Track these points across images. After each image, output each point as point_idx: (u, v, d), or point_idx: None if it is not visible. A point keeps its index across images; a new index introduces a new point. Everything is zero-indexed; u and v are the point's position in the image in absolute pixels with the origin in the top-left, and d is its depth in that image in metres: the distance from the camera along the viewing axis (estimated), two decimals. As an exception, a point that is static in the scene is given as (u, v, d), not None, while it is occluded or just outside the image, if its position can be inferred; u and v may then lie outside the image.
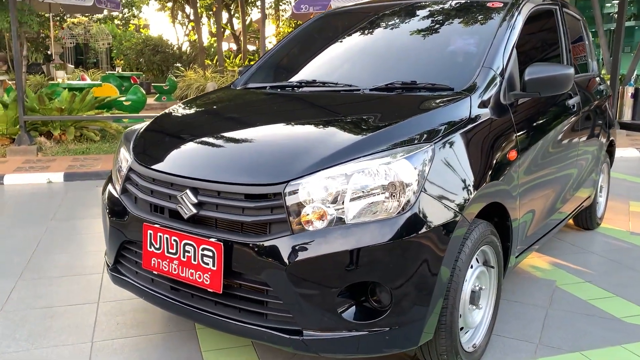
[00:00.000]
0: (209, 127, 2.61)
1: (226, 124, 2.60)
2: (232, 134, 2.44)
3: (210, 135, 2.46)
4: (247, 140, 2.36)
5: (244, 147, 2.30)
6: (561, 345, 2.69)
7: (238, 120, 2.68)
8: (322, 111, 2.59)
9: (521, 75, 2.77)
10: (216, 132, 2.49)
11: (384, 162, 2.03)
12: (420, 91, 2.65)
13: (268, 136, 2.36)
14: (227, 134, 2.44)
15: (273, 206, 2.04)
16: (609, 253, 4.08)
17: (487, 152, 2.40)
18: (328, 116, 2.50)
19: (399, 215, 1.97)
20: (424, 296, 2.03)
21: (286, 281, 1.99)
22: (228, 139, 2.40)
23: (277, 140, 2.28)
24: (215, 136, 2.45)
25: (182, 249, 2.20)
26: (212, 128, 2.57)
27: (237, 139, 2.38)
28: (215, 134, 2.46)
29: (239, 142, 2.36)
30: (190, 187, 2.21)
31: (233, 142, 2.37)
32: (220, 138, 2.42)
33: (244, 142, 2.35)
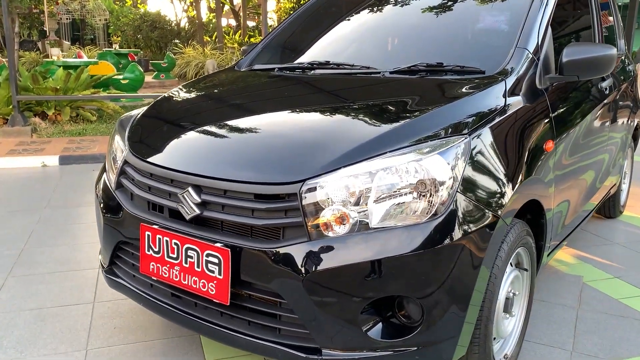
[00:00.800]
0: (212, 114, 2.35)
1: (232, 112, 2.33)
2: (239, 124, 2.17)
3: (215, 124, 2.20)
4: (256, 131, 2.09)
5: (253, 139, 2.04)
6: (597, 353, 2.47)
7: (245, 107, 2.40)
8: (338, 97, 2.32)
9: (556, 56, 2.51)
10: (221, 120, 2.23)
11: (414, 158, 1.78)
12: (447, 74, 2.39)
13: (280, 127, 2.09)
14: (233, 123, 2.18)
15: (287, 208, 1.80)
16: (635, 244, 3.85)
17: (524, 144, 2.15)
18: (346, 103, 2.23)
19: (432, 219, 1.73)
20: (460, 309, 1.79)
21: (302, 294, 1.75)
22: (235, 130, 2.13)
23: (291, 132, 2.02)
24: (220, 126, 2.18)
25: (184, 254, 1.96)
26: (217, 116, 2.31)
27: (245, 130, 2.12)
28: (220, 123, 2.20)
29: (247, 133, 2.09)
30: (193, 184, 1.96)
31: (240, 134, 2.10)
32: (226, 128, 2.16)
33: (252, 133, 2.08)
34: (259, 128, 2.11)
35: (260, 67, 2.92)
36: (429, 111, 1.97)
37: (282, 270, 1.77)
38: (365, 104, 2.17)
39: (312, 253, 1.74)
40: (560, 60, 2.42)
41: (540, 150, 2.26)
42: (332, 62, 2.66)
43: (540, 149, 2.26)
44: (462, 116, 1.98)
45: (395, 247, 1.70)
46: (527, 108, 2.25)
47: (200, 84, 2.88)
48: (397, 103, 2.12)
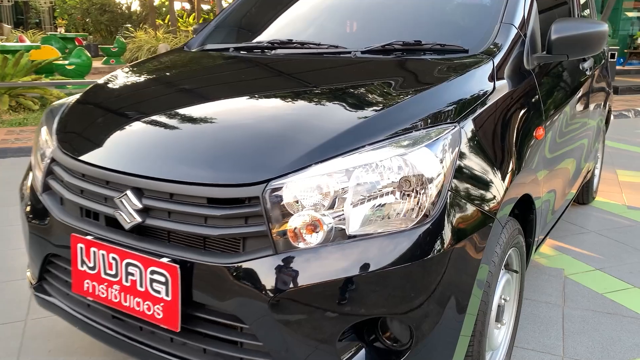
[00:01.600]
0: (157, 102, 1.99)
1: (180, 99, 1.97)
2: (188, 113, 1.82)
3: (160, 114, 1.84)
4: (209, 122, 1.75)
5: (205, 132, 1.70)
6: (590, 357, 2.28)
7: (196, 93, 2.05)
8: (304, 82, 1.99)
9: (542, 33, 2.27)
10: (167, 109, 1.87)
11: (398, 151, 1.49)
12: (426, 54, 2.11)
13: (237, 117, 1.75)
14: (182, 113, 1.83)
15: (248, 214, 1.49)
16: (611, 232, 3.71)
17: (517, 132, 1.90)
18: (314, 89, 1.90)
19: (421, 224, 1.45)
20: (454, 327, 1.54)
21: (268, 318, 1.46)
22: (184, 120, 1.78)
23: (251, 122, 1.69)
24: (166, 116, 1.83)
25: (124, 271, 1.63)
26: (162, 104, 1.95)
27: (196, 121, 1.77)
28: (166, 113, 1.84)
29: (199, 124, 1.75)
30: (132, 186, 1.63)
31: (190, 125, 1.75)
32: (173, 119, 1.80)
33: (205, 124, 1.74)
34: (212, 118, 1.77)
35: (213, 47, 2.56)
36: (411, 97, 1.69)
37: (243, 289, 1.47)
38: (336, 90, 1.85)
39: (280, 268, 1.44)
40: (549, 37, 2.17)
41: (531, 138, 2.02)
42: (295, 41, 2.34)
43: (531, 137, 2.02)
44: (448, 102, 1.71)
45: (380, 259, 1.42)
46: (516, 92, 2.00)
47: (144, 67, 2.51)
48: (374, 88, 1.82)
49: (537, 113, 2.11)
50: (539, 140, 2.08)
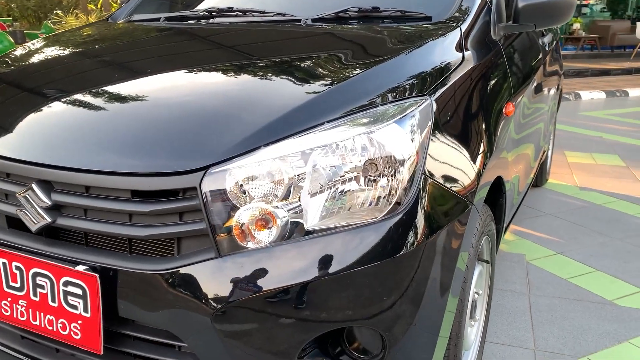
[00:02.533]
0: (71, 81, 1.65)
1: (100, 76, 1.63)
2: (109, 92, 1.49)
3: (74, 93, 1.51)
4: (134, 99, 1.44)
5: (128, 112, 1.39)
6: (562, 349, 2.13)
7: (119, 69, 1.70)
8: (248, 53, 1.71)
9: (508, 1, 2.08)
10: (83, 88, 1.54)
11: (362, 129, 1.25)
12: (384, 21, 1.88)
13: (169, 94, 1.44)
14: (101, 92, 1.50)
15: (183, 209, 1.22)
16: (567, 215, 3.63)
17: (488, 108, 1.70)
18: (259, 61, 1.61)
19: (393, 214, 1.22)
20: (431, 329, 1.32)
21: (210, 334, 1.20)
22: (103, 100, 1.45)
23: (185, 100, 1.39)
24: (82, 95, 1.49)
25: (32, 283, 1.33)
26: (77, 83, 1.61)
27: (118, 100, 1.45)
28: (82, 92, 1.51)
29: (121, 104, 1.43)
30: (39, 179, 1.32)
31: (111, 105, 1.43)
32: (90, 98, 1.47)
33: (128, 104, 1.43)
34: (137, 97, 1.45)
35: (141, 18, 2.23)
36: (374, 67, 1.44)
37: (179, 300, 1.20)
38: (285, 62, 1.57)
39: (225, 274, 1.18)
40: (516, 5, 1.99)
41: (501, 115, 1.82)
42: (236, 8, 2.05)
43: (501, 114, 1.82)
44: (416, 73, 1.48)
45: (346, 257, 1.18)
46: (485, 64, 1.80)
47: (58, 40, 2.14)
48: (330, 59, 1.56)
49: (506, 88, 1.92)
50: (509, 117, 1.90)
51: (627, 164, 4.89)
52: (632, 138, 5.96)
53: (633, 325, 2.30)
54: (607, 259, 2.94)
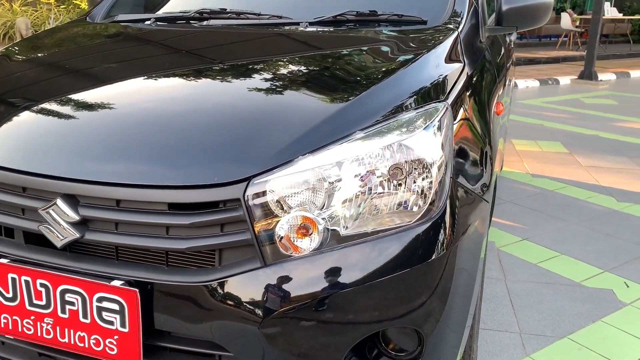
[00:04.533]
0: (83, 87, 1.57)
1: (114, 82, 1.56)
2: (131, 99, 1.45)
3: (91, 100, 1.46)
4: (159, 108, 1.41)
5: (158, 120, 1.36)
6: (544, 331, 2.29)
7: (131, 74, 1.62)
8: (259, 59, 1.68)
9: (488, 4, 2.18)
10: (101, 95, 1.49)
11: (393, 137, 1.30)
12: (381, 25, 1.92)
13: (196, 101, 1.42)
14: (121, 98, 1.45)
15: (225, 221, 1.22)
16: (525, 201, 3.84)
17: (488, 109, 1.79)
18: (275, 68, 1.60)
19: (428, 217, 1.28)
20: (462, 320, 1.40)
21: (259, 343, 1.22)
22: (126, 107, 1.41)
23: (216, 108, 1.38)
24: (101, 103, 1.44)
25: (60, 300, 1.29)
26: (91, 89, 1.54)
27: (143, 107, 1.41)
28: (100, 99, 1.46)
29: (148, 112, 1.39)
30: (64, 193, 1.29)
31: (136, 113, 1.39)
32: (111, 106, 1.43)
33: (155, 111, 1.39)
34: (167, 104, 1.42)
35: (127, 19, 2.17)
36: (395, 74, 1.49)
37: (224, 311, 1.21)
38: (311, 69, 1.58)
39: (272, 282, 1.20)
40: (499, 8, 2.09)
41: (492, 113, 1.92)
42: (230, 10, 2.03)
43: (492, 113, 1.92)
44: (431, 79, 1.54)
45: (390, 262, 1.23)
46: (479, 65, 1.88)
47: (44, 43, 2.05)
48: (352, 66, 1.58)
49: (496, 87, 2.02)
50: (499, 116, 2.00)
51: (570, 151, 5.21)
52: (571, 125, 6.33)
53: (603, 304, 2.49)
54: (568, 243, 3.15)
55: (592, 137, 5.75)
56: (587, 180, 4.32)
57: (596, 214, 3.61)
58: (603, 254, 3.01)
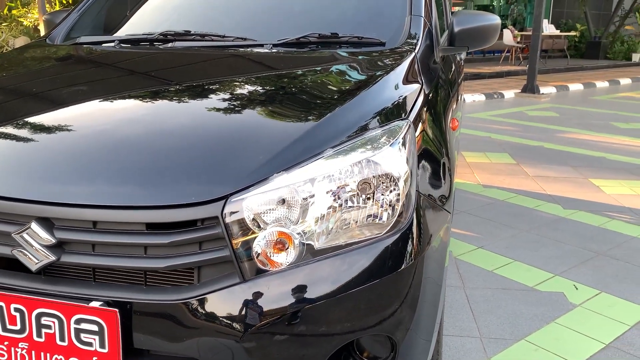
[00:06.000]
0: (51, 109, 1.57)
1: (84, 103, 1.57)
2: (108, 120, 1.47)
3: (60, 122, 1.47)
4: (132, 129, 1.43)
5: (132, 140, 1.38)
6: (503, 334, 2.40)
7: (101, 95, 1.63)
8: (228, 80, 1.73)
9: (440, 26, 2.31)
10: (71, 117, 1.50)
11: (362, 154, 1.37)
12: (342, 47, 2.01)
13: (173, 123, 1.44)
14: (91, 120, 1.47)
15: (204, 239, 1.26)
16: (478, 211, 4.00)
17: (444, 125, 1.89)
18: (244, 88, 1.65)
19: (398, 228, 1.35)
20: (431, 326, 1.47)
21: (239, 358, 1.25)
22: (97, 128, 1.43)
23: (189, 128, 1.41)
24: (71, 125, 1.45)
25: (35, 324, 1.29)
26: (60, 111, 1.54)
27: (115, 128, 1.43)
28: (70, 121, 1.47)
29: (120, 132, 1.41)
30: (37, 216, 1.29)
31: (109, 133, 1.41)
32: (81, 127, 1.44)
33: (128, 132, 1.42)
34: (140, 124, 1.44)
35: (89, 40, 2.17)
36: (357, 94, 1.56)
37: (205, 326, 1.24)
38: (271, 89, 1.64)
39: (252, 297, 1.24)
40: (452, 29, 2.21)
41: (449, 128, 2.03)
42: (194, 32, 2.07)
43: (449, 127, 2.03)
44: (393, 98, 1.62)
45: (362, 273, 1.29)
46: (434, 84, 1.99)
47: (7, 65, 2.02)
48: (320, 86, 1.65)
49: (450, 104, 2.13)
50: (454, 132, 2.11)
51: (517, 161, 5.45)
52: (516, 137, 6.62)
53: (555, 306, 2.63)
54: (520, 249, 3.30)
55: (537, 148, 6.03)
56: (535, 189, 4.53)
57: (544, 221, 3.80)
58: (552, 259, 3.17)
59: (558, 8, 18.79)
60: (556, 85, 11.48)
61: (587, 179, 4.86)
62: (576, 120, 7.82)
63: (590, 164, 5.37)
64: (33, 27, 14.83)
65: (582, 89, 11.67)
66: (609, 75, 13.91)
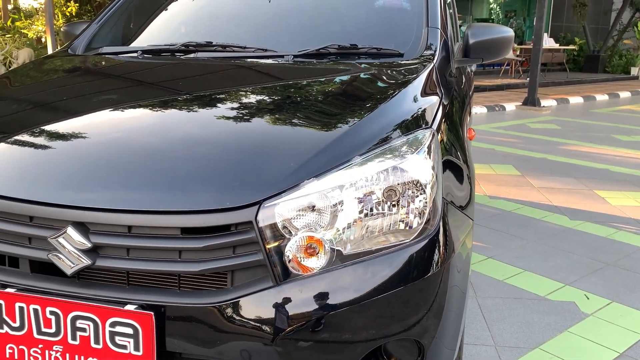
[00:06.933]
0: (84, 117, 1.61)
1: (115, 111, 1.61)
2: (134, 128, 1.51)
3: (94, 129, 1.51)
4: (165, 137, 1.47)
5: (165, 148, 1.41)
6: (517, 343, 2.42)
7: (132, 104, 1.67)
8: (254, 89, 1.77)
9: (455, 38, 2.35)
10: (104, 124, 1.54)
11: (391, 161, 1.40)
12: (360, 57, 2.05)
13: (206, 130, 1.49)
14: (125, 127, 1.51)
15: (237, 243, 1.28)
16: (487, 221, 4.02)
17: (463, 135, 1.93)
18: (270, 98, 1.69)
19: (425, 234, 1.38)
20: (456, 331, 1.50)
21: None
22: (131, 135, 1.47)
23: (221, 135, 1.45)
24: (105, 132, 1.49)
25: (71, 327, 1.31)
26: (92, 118, 1.58)
27: (147, 136, 1.47)
28: (104, 128, 1.51)
29: (152, 140, 1.45)
30: (74, 221, 1.32)
31: (142, 141, 1.44)
32: (115, 135, 1.48)
33: (160, 140, 1.45)
34: (175, 131, 1.48)
35: (110, 51, 2.21)
36: (383, 104, 1.60)
37: (238, 329, 1.27)
38: (297, 99, 1.68)
39: (285, 301, 1.27)
40: (467, 41, 2.26)
41: (466, 138, 2.07)
42: (216, 43, 2.11)
43: (466, 137, 2.07)
44: (416, 108, 1.66)
45: (390, 278, 1.32)
46: (451, 94, 2.03)
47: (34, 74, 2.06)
48: (340, 96, 1.69)
49: (465, 114, 2.17)
50: (471, 141, 2.15)
51: (522, 173, 5.48)
52: (520, 149, 6.66)
53: (567, 316, 2.65)
54: (530, 259, 3.33)
55: (541, 160, 6.07)
56: (541, 200, 4.57)
57: (552, 232, 3.83)
58: (562, 269, 3.20)
59: (557, 22, 18.96)
60: (556, 98, 11.56)
61: (591, 190, 4.90)
62: (578, 133, 7.88)
63: (594, 176, 5.41)
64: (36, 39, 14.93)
65: (582, 102, 11.76)
66: (608, 88, 14.02)
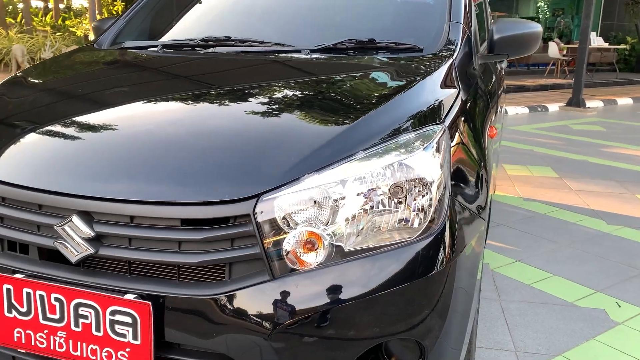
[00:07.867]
0: (96, 109, 1.65)
1: (127, 104, 1.64)
2: (142, 120, 1.53)
3: (104, 122, 1.53)
4: (172, 129, 1.48)
5: (170, 140, 1.43)
6: (539, 349, 2.34)
7: (143, 97, 1.71)
8: (265, 83, 1.77)
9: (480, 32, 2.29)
10: (113, 116, 1.57)
11: (395, 157, 1.37)
12: (378, 52, 2.02)
13: (206, 123, 1.50)
14: (133, 120, 1.54)
15: (235, 236, 1.28)
16: (517, 224, 3.91)
17: (482, 132, 1.87)
18: (280, 91, 1.69)
19: (428, 233, 1.34)
20: (461, 334, 1.45)
21: (267, 355, 1.26)
22: (138, 128, 1.50)
23: (225, 129, 1.46)
24: (113, 124, 1.52)
25: (73, 313, 1.34)
26: (104, 111, 1.61)
27: (155, 128, 1.49)
28: (113, 120, 1.54)
29: (159, 132, 1.47)
30: (79, 210, 1.34)
31: (149, 133, 1.46)
32: (123, 126, 1.51)
33: (167, 132, 1.47)
34: (174, 125, 1.50)
35: (134, 45, 2.25)
36: (395, 98, 1.57)
37: (234, 322, 1.26)
38: (306, 93, 1.66)
39: (280, 295, 1.26)
40: (491, 37, 2.19)
41: (486, 137, 2.00)
42: (234, 38, 2.12)
43: (486, 136, 2.00)
44: (428, 103, 1.62)
45: (391, 276, 1.29)
46: (472, 91, 1.97)
47: (56, 68, 2.12)
48: (347, 90, 1.67)
49: (489, 112, 2.11)
50: (493, 139, 2.09)
51: (560, 175, 5.31)
52: (560, 150, 6.46)
53: (595, 323, 2.55)
54: (561, 264, 3.21)
55: (581, 162, 5.87)
56: (577, 204, 4.41)
57: (587, 236, 3.69)
58: (595, 275, 3.08)
59: (607, 21, 18.30)
60: (603, 99, 11.16)
61: (633, 194, 4.70)
62: (623, 135, 7.58)
63: (637, 180, 5.19)
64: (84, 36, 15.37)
65: (631, 103, 11.30)
66: (660, 89, 13.43)
